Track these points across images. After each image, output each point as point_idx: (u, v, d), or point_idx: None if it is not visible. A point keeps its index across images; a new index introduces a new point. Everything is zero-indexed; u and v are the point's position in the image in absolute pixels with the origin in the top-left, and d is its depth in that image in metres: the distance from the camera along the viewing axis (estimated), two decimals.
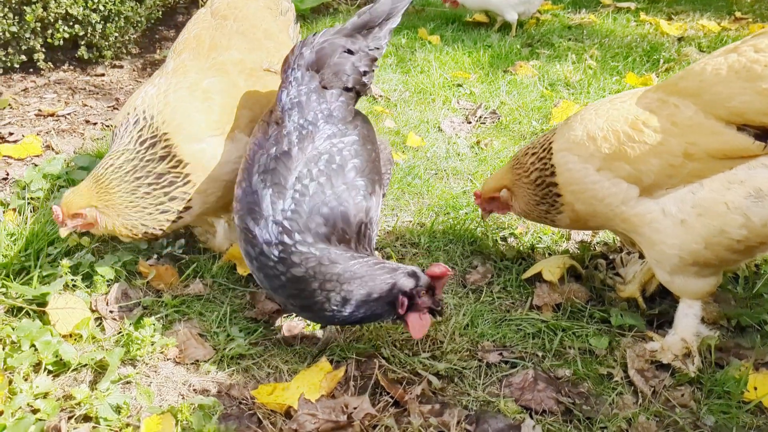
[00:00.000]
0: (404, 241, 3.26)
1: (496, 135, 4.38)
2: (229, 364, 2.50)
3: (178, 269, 2.99)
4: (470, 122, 4.59)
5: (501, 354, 2.54)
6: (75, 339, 2.56)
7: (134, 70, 5.57)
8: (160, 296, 2.82)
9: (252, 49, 2.95)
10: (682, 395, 2.35)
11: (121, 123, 2.68)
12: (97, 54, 5.55)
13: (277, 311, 2.74)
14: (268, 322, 2.71)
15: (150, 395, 2.31)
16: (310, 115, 2.38)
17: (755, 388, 2.34)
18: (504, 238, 3.27)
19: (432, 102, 4.87)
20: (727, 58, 2.20)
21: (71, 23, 5.17)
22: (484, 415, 2.26)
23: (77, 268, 2.86)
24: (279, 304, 2.70)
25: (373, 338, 2.58)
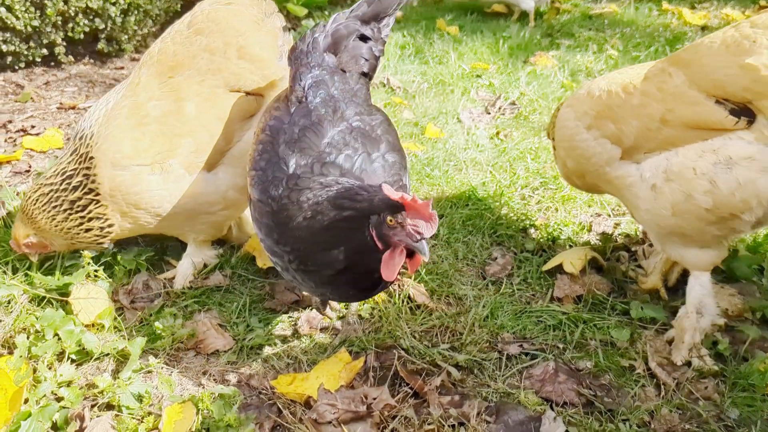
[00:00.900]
0: None
1: (515, 126, 4.35)
2: (248, 354, 2.51)
3: None
4: (489, 113, 4.56)
5: (521, 346, 2.53)
6: (97, 328, 2.59)
7: None
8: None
9: (217, 71, 2.69)
10: (706, 388, 2.31)
11: (72, 135, 2.72)
12: (117, 47, 5.59)
13: (296, 302, 2.75)
14: (287, 312, 2.72)
15: (171, 384, 2.33)
16: (336, 93, 2.33)
17: None
18: (524, 229, 3.24)
19: (450, 93, 4.84)
20: (725, 32, 2.19)
21: (91, 17, 5.22)
22: (504, 406, 2.25)
23: (98, 259, 2.89)
24: (303, 291, 2.69)
25: (392, 329, 2.58)
